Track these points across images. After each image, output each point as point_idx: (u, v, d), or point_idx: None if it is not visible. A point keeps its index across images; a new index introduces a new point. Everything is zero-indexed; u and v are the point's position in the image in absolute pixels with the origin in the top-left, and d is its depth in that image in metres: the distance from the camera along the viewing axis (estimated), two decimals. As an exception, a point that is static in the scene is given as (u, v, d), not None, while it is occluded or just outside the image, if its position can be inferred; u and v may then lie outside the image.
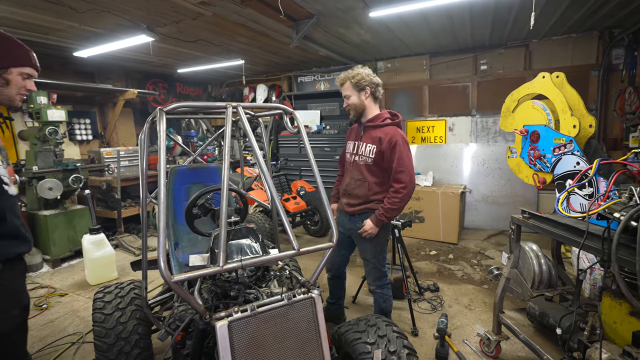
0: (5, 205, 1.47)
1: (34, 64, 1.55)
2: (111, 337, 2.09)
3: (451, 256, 4.40)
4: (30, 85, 1.55)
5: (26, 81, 1.52)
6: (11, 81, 1.46)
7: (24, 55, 1.51)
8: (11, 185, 1.52)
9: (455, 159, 5.68)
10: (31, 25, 3.73)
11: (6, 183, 1.48)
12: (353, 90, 2.32)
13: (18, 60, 1.48)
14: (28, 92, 1.55)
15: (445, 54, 5.77)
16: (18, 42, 1.52)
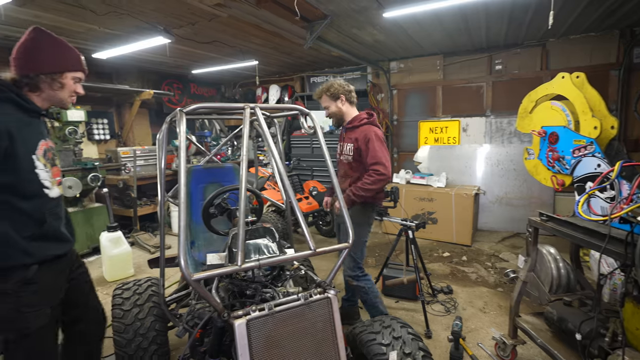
0: (45, 208, 1.52)
1: (84, 68, 1.62)
2: (129, 332, 2.14)
3: (465, 258, 4.35)
4: (79, 89, 1.61)
5: (77, 84, 1.60)
6: (65, 85, 1.54)
7: (76, 60, 1.58)
8: (53, 188, 1.56)
9: (468, 159, 5.61)
10: (53, 28, 3.80)
11: (47, 187, 1.52)
12: (330, 100, 2.56)
13: (71, 65, 1.55)
14: (77, 94, 1.62)
15: (459, 54, 5.71)
16: (70, 47, 1.58)
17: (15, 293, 1.45)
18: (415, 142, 6.29)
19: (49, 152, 1.57)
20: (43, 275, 1.52)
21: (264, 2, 3.16)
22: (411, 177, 5.56)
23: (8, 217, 1.42)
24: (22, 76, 1.47)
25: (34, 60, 1.47)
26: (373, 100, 6.36)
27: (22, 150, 1.42)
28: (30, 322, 1.48)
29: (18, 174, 1.42)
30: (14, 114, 1.44)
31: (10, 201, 1.42)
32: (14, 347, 1.48)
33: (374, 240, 5.14)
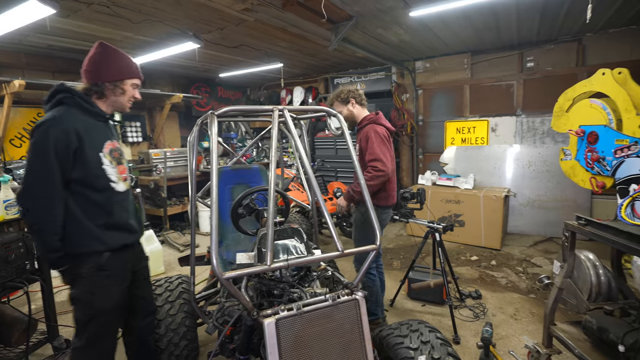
0: (113, 201, 1.70)
1: (140, 75, 1.82)
2: (161, 327, 2.21)
3: (494, 262, 4.21)
4: (137, 94, 1.81)
5: (135, 90, 1.79)
6: (126, 91, 1.74)
7: (134, 68, 1.77)
8: (119, 183, 1.74)
9: (497, 160, 5.42)
10: (93, 37, 4.05)
11: (114, 181, 1.70)
12: (341, 105, 2.67)
13: (130, 73, 1.74)
14: (135, 99, 1.82)
15: (488, 51, 5.54)
16: (129, 57, 1.78)
17: (90, 277, 1.65)
18: (441, 143, 6.15)
19: (115, 152, 1.76)
20: (113, 261, 1.71)
21: (290, 5, 3.20)
22: (437, 178, 5.45)
23: (83, 207, 1.62)
24: (92, 85, 1.68)
25: (99, 71, 1.68)
26: (398, 101, 6.29)
27: (90, 149, 1.62)
28: (98, 305, 1.67)
29: (88, 170, 1.62)
30: (82, 118, 1.64)
31: (84, 193, 1.62)
32: (83, 326, 1.68)
33: (399, 243, 5.07)
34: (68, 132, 1.54)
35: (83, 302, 1.67)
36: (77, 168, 1.59)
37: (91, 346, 1.70)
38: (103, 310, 1.69)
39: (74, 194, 1.62)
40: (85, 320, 1.69)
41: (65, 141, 1.53)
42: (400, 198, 3.10)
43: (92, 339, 1.69)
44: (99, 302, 1.67)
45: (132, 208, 1.87)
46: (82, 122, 1.62)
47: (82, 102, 1.65)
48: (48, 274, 2.59)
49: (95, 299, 1.66)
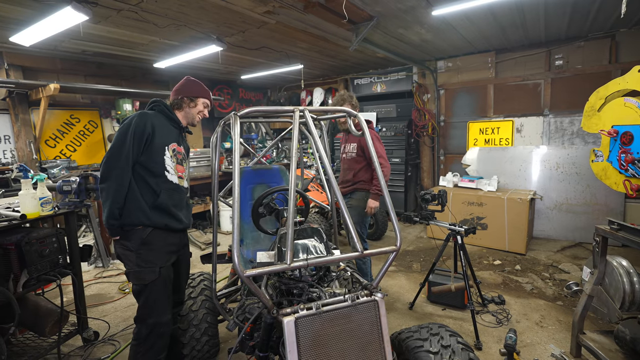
0: (162, 187, 2.01)
1: (211, 98, 2.30)
2: (184, 323, 2.28)
3: (518, 267, 4.08)
4: (206, 112, 2.27)
5: (205, 109, 2.24)
6: (197, 105, 2.19)
7: (206, 92, 2.25)
8: (174, 175, 2.08)
9: (523, 162, 5.24)
10: (122, 42, 4.23)
11: (169, 171, 2.04)
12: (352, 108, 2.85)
13: (202, 93, 2.21)
14: (204, 116, 2.26)
15: (514, 50, 5.38)
16: (204, 85, 2.26)
17: (136, 250, 1.94)
18: (463, 144, 6.02)
19: (178, 154, 2.14)
20: (156, 238, 1.99)
21: (311, 7, 3.22)
22: (459, 180, 5.33)
23: (140, 187, 1.96)
24: (175, 98, 2.15)
25: (182, 89, 2.17)
26: (419, 101, 6.20)
27: (159, 140, 2.01)
28: (146, 276, 1.93)
29: (152, 155, 1.98)
30: (161, 120, 2.08)
31: (143, 176, 1.97)
32: (137, 297, 1.97)
33: (419, 245, 4.99)
34: (146, 122, 1.95)
35: (133, 276, 1.95)
36: (145, 152, 1.96)
37: (144, 318, 1.96)
38: (149, 281, 1.93)
39: (136, 174, 1.96)
40: (137, 291, 1.96)
41: (142, 127, 1.93)
42: (421, 199, 3.06)
43: (144, 309, 1.96)
44: (145, 274, 1.93)
45: (181, 201, 2.16)
46: (160, 121, 2.05)
47: (166, 110, 2.11)
48: (79, 268, 2.72)
49: (142, 271, 1.93)
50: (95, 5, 2.99)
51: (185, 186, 2.24)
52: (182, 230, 2.19)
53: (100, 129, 5.68)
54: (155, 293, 1.98)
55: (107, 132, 5.76)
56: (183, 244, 2.25)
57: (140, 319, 1.98)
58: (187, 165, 2.28)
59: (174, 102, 2.16)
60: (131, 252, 1.95)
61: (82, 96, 5.37)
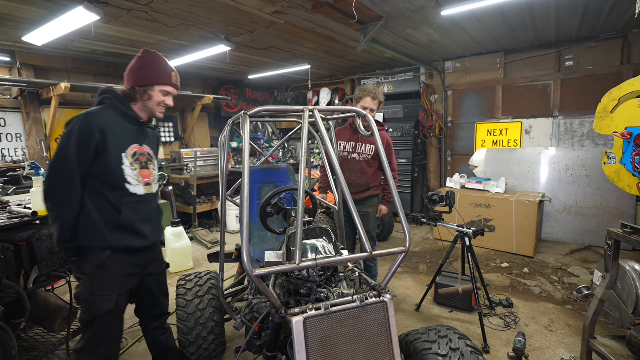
0: (124, 202, 1.72)
1: (173, 83, 1.83)
2: (191, 321, 2.29)
3: (526, 270, 4.03)
4: (168, 101, 1.84)
5: (165, 97, 1.82)
6: (152, 97, 1.77)
7: (166, 76, 1.79)
8: (138, 186, 1.78)
9: (532, 164, 5.19)
10: (131, 41, 4.26)
11: (130, 183, 1.74)
12: (374, 103, 2.89)
13: (160, 80, 1.77)
14: (166, 106, 1.85)
15: (523, 50, 5.33)
16: (164, 65, 1.80)
17: (91, 275, 1.68)
18: (471, 145, 5.97)
19: (141, 156, 1.81)
20: (115, 262, 1.71)
21: (320, 6, 3.22)
22: (466, 181, 5.29)
23: (96, 203, 1.68)
24: (127, 89, 1.77)
25: (133, 76, 1.76)
26: (426, 102, 6.17)
27: (113, 147, 1.68)
28: (100, 306, 1.67)
29: (107, 167, 1.68)
30: (113, 119, 1.72)
31: (100, 189, 1.68)
32: (85, 327, 1.71)
33: (425, 247, 4.96)
34: (92, 127, 1.62)
35: (85, 302, 1.70)
36: (97, 163, 1.66)
37: (92, 348, 1.72)
38: (103, 312, 1.68)
39: (91, 188, 1.68)
40: (88, 321, 1.71)
41: (88, 135, 1.61)
42: (428, 201, 3.04)
43: (93, 340, 1.71)
44: (99, 303, 1.67)
45: (149, 213, 1.86)
46: (112, 121, 1.70)
47: (118, 104, 1.75)
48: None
49: (96, 300, 1.67)
50: (106, 5, 3.02)
51: (154, 191, 1.92)
52: (148, 248, 1.89)
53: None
54: (108, 323, 1.73)
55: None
56: (151, 261, 1.95)
57: (87, 349, 1.72)
58: (155, 166, 1.93)
59: (126, 94, 1.77)
60: (85, 276, 1.69)
61: (92, 95, 5.42)
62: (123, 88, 1.79)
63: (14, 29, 3.66)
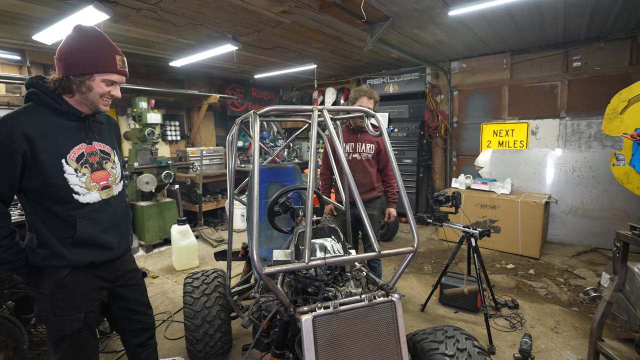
0: (76, 214, 1.47)
1: (119, 69, 1.49)
2: (198, 319, 2.31)
3: (532, 272, 4.02)
4: (114, 92, 1.52)
5: (110, 87, 1.49)
6: (92, 88, 1.45)
7: (108, 61, 1.45)
8: (91, 193, 1.51)
9: (538, 165, 5.16)
10: (139, 40, 4.29)
11: (77, 192, 1.48)
12: (371, 104, 2.91)
13: (101, 67, 1.44)
14: (112, 97, 1.53)
15: (530, 51, 5.30)
16: (105, 49, 1.46)
17: (51, 295, 1.47)
18: (476, 146, 5.95)
19: (91, 156, 1.53)
20: (77, 279, 1.51)
21: (327, 6, 3.22)
22: (472, 182, 5.28)
23: (44, 219, 1.45)
24: (61, 78, 1.43)
25: (67, 62, 1.42)
26: (432, 102, 6.15)
27: (47, 154, 1.40)
28: (66, 326, 1.50)
29: (45, 178, 1.40)
30: (44, 118, 1.42)
31: (44, 204, 1.44)
32: (55, 346, 1.56)
33: (430, 247, 4.96)
34: (12, 135, 1.33)
35: (49, 323, 1.51)
36: (31, 176, 1.39)
37: None
38: (71, 331, 1.51)
39: (33, 203, 1.45)
40: (55, 341, 1.54)
41: (8, 145, 1.33)
42: (434, 201, 3.04)
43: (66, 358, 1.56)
44: (65, 324, 1.50)
45: (113, 219, 1.62)
46: (42, 123, 1.40)
47: (50, 101, 1.43)
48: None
49: (61, 321, 1.49)
50: (115, 4, 3.04)
51: (116, 192, 1.64)
52: (117, 259, 1.67)
53: (116, 126, 5.78)
54: (80, 340, 1.56)
55: (123, 129, 5.86)
56: (122, 272, 1.71)
57: None
58: (115, 163, 1.64)
59: (60, 85, 1.43)
60: (45, 296, 1.47)
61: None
62: (54, 76, 1.45)
63: (25, 27, 3.70)
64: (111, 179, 1.62)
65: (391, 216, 3.08)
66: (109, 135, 1.68)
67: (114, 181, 1.64)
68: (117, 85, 1.54)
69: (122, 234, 1.70)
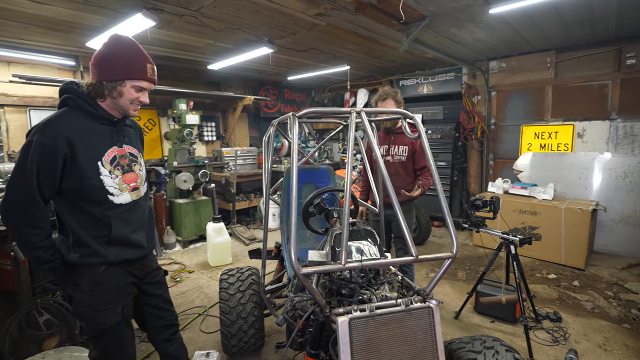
0: (111, 215, 1.55)
1: (149, 77, 1.57)
2: (233, 315, 2.38)
3: (576, 283, 3.78)
4: (143, 98, 1.60)
5: (139, 93, 1.57)
6: (123, 93, 1.53)
7: (139, 69, 1.54)
8: (123, 194, 1.59)
9: (584, 170, 4.85)
10: (181, 45, 4.50)
11: (112, 193, 1.55)
12: (396, 105, 2.83)
13: (133, 74, 1.52)
14: (141, 103, 1.61)
15: (577, 48, 4.99)
16: (138, 56, 1.54)
17: (89, 291, 1.54)
18: (515, 149, 5.69)
19: (122, 159, 1.60)
20: (112, 276, 1.59)
21: (363, 8, 3.21)
22: (510, 186, 5.05)
23: (80, 220, 1.52)
24: (94, 83, 1.51)
25: (101, 68, 1.51)
26: (468, 103, 5.95)
27: (85, 157, 1.47)
28: (106, 320, 1.58)
29: (83, 180, 1.47)
30: (81, 122, 1.49)
31: (80, 206, 1.51)
32: (95, 340, 1.65)
33: (464, 253, 4.80)
34: (55, 140, 1.39)
35: (89, 319, 1.58)
36: (70, 178, 1.46)
37: (106, 358, 1.67)
38: (110, 325, 1.60)
39: (69, 205, 1.51)
40: (95, 335, 1.63)
41: (51, 150, 1.39)
42: (471, 205, 2.94)
43: (107, 349, 1.65)
44: (104, 318, 1.58)
45: (141, 219, 1.71)
46: (79, 126, 1.48)
47: (85, 105, 1.51)
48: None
49: (100, 315, 1.57)
50: (161, 11, 3.20)
51: (143, 193, 1.72)
52: (145, 257, 1.77)
53: (157, 127, 6.09)
54: (119, 331, 1.64)
55: (163, 130, 6.16)
56: (149, 270, 1.82)
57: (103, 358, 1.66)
58: (141, 165, 1.71)
59: (93, 89, 1.50)
60: (82, 292, 1.55)
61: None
62: (88, 81, 1.53)
63: (79, 35, 3.99)
64: (139, 180, 1.69)
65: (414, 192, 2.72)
66: (135, 139, 1.76)
67: (141, 183, 1.71)
68: (146, 92, 1.62)
69: (149, 234, 1.78)
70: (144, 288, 1.81)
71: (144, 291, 1.82)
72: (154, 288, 1.86)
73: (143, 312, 1.87)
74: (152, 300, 1.86)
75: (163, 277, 1.95)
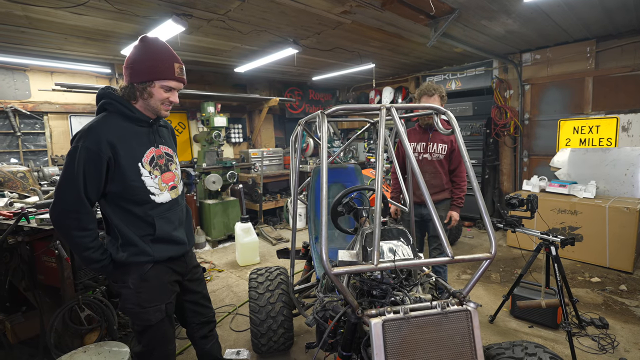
0: (153, 214, 1.61)
1: (177, 77, 1.59)
2: (262, 314, 2.39)
3: (623, 287, 3.52)
4: (173, 98, 1.62)
5: (169, 93, 1.60)
6: (153, 94, 1.57)
7: (168, 69, 1.56)
8: (163, 193, 1.65)
9: (630, 166, 4.51)
10: (208, 49, 4.61)
11: (153, 193, 1.61)
12: (441, 102, 2.79)
13: (160, 74, 1.55)
14: (171, 103, 1.64)
15: (620, 36, 4.66)
16: (165, 57, 1.57)
17: (136, 288, 1.61)
18: (552, 144, 5.39)
19: (160, 159, 1.66)
20: (157, 273, 1.65)
21: (389, 3, 3.15)
22: (547, 184, 4.79)
23: (125, 220, 1.58)
24: (127, 85, 1.57)
25: (131, 69, 1.55)
26: (499, 98, 5.71)
27: (127, 159, 1.53)
28: (151, 316, 1.64)
29: (126, 182, 1.53)
30: (120, 125, 1.55)
31: (124, 207, 1.57)
32: (139, 335, 1.71)
33: (498, 254, 4.60)
34: (99, 144, 1.45)
35: (134, 315, 1.65)
36: (114, 180, 1.52)
37: (150, 352, 1.72)
38: (155, 322, 1.66)
39: (114, 206, 1.57)
40: (140, 331, 1.69)
41: (96, 154, 1.45)
42: (506, 204, 2.81)
43: (150, 345, 1.71)
44: (149, 315, 1.64)
45: (181, 217, 1.78)
46: (119, 130, 1.53)
47: (123, 108, 1.56)
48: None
49: (145, 312, 1.63)
50: (190, 17, 3.29)
51: (180, 191, 1.79)
52: (186, 253, 1.83)
53: (187, 130, 6.28)
54: (162, 328, 1.72)
55: (192, 132, 6.34)
56: (191, 266, 1.89)
57: (146, 353, 1.73)
58: (176, 164, 1.78)
59: (126, 92, 1.57)
60: (130, 289, 1.61)
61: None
62: (121, 84, 1.60)
63: (114, 44, 4.17)
64: (176, 179, 1.75)
65: (453, 220, 2.86)
66: (169, 139, 1.80)
67: (178, 181, 1.77)
68: (175, 91, 1.64)
69: (188, 231, 1.84)
70: (185, 285, 1.87)
71: (186, 288, 1.88)
72: (194, 285, 1.92)
73: (184, 309, 1.94)
74: (193, 296, 1.93)
75: (202, 274, 2.01)
